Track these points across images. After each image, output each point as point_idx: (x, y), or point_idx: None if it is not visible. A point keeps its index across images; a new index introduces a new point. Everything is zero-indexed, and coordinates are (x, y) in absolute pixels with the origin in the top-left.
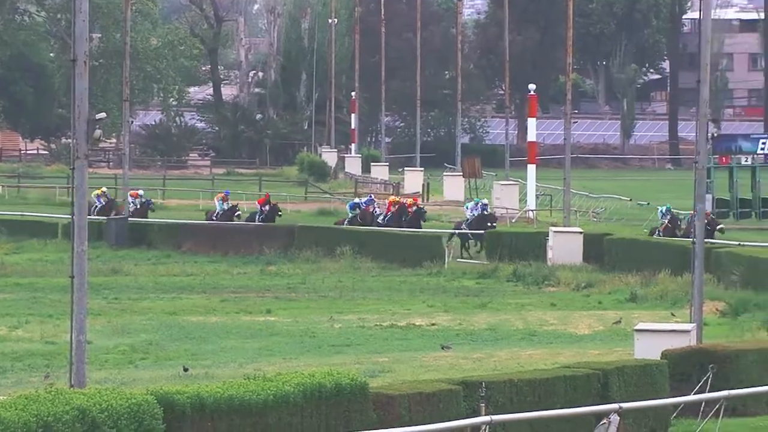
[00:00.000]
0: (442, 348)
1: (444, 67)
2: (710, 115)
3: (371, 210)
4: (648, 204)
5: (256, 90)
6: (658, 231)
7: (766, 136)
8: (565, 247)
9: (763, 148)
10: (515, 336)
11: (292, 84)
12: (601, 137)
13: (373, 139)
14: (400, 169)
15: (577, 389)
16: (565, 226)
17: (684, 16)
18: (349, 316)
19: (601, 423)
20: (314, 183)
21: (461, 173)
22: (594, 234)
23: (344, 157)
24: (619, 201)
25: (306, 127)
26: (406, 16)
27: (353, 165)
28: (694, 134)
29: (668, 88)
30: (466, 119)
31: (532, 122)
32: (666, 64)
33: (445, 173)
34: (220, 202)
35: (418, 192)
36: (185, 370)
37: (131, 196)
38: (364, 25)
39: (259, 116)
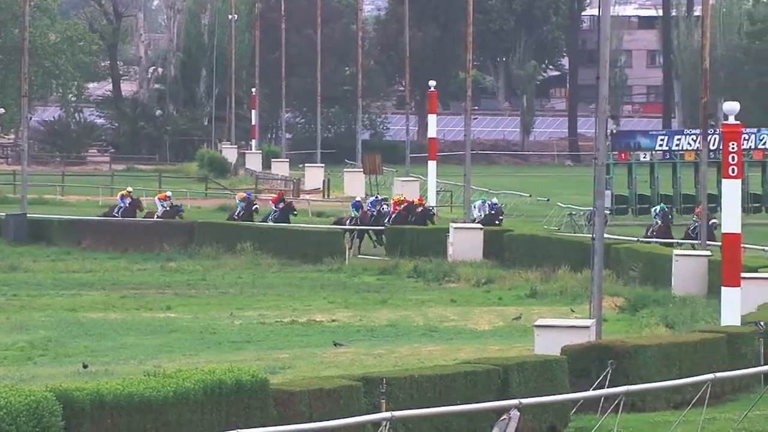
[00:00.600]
0: (335, 345)
1: (344, 63)
2: (609, 111)
3: (368, 211)
4: (548, 200)
5: (156, 86)
6: (652, 231)
7: (664, 132)
8: (465, 243)
9: (661, 145)
10: (416, 332)
11: (192, 80)
12: (501, 133)
13: (274, 136)
14: (300, 166)
15: (478, 385)
16: (465, 222)
17: (583, 13)
18: (250, 313)
19: (501, 419)
20: (214, 179)
21: (362, 169)
22: (494, 230)
23: (244, 153)
24: (519, 197)
25: (206, 123)
26: (307, 12)
27: (254, 161)
28: (594, 130)
29: (567, 84)
30: (367, 115)
31: (432, 118)
32: (565, 61)
33: (345, 169)
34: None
35: (401, 195)
36: (84, 366)
37: (159, 198)
38: (265, 21)
39: (158, 112)
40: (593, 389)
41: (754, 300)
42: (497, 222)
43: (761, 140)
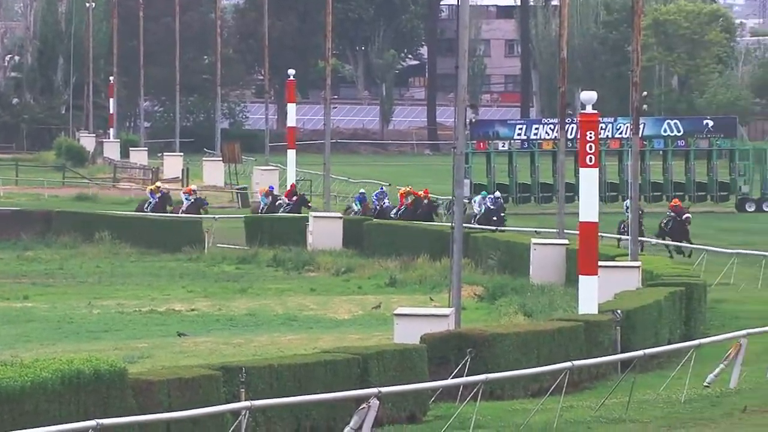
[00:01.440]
0: (179, 335)
1: (203, 52)
2: (468, 100)
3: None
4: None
5: (13, 74)
6: (623, 225)
7: (522, 121)
8: (325, 232)
9: (519, 134)
10: (275, 321)
11: (49, 68)
12: (361, 122)
13: (132, 124)
14: (159, 154)
15: (337, 374)
16: (325, 211)
17: (441, 2)
18: (108, 302)
19: (361, 408)
20: (72, 168)
21: (221, 158)
22: (354, 219)
23: (102, 142)
24: (378, 186)
25: (63, 112)
26: (165, 0)
27: (112, 150)
28: (453, 120)
29: (426, 73)
30: (226, 104)
31: (291, 107)
32: (424, 50)
33: (204, 158)
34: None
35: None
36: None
37: (185, 192)
38: (123, 9)
39: (15, 101)
40: (452, 377)
41: (610, 288)
42: (496, 218)
43: (618, 129)
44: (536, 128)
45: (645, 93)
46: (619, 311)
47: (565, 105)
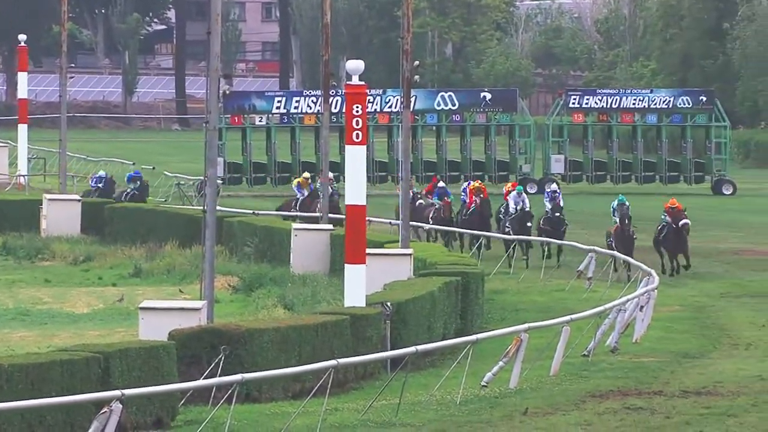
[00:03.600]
0: None
1: None
2: (221, 70)
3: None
4: (153, 168)
5: None
6: (610, 238)
7: (282, 93)
8: (61, 216)
9: (278, 107)
10: (5, 316)
11: None
12: (101, 94)
13: None
14: None
15: (76, 375)
16: (61, 192)
17: None
18: None
19: (102, 412)
20: None
21: None
22: (94, 202)
23: None
24: (121, 165)
25: None
26: None
27: None
28: (204, 91)
29: (174, 40)
30: None
31: (22, 77)
32: (171, 14)
33: None
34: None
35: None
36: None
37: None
38: None
39: None
40: (204, 378)
41: (379, 278)
42: (554, 226)
43: (387, 103)
44: (297, 101)
45: (417, 62)
46: (388, 304)
47: (328, 75)
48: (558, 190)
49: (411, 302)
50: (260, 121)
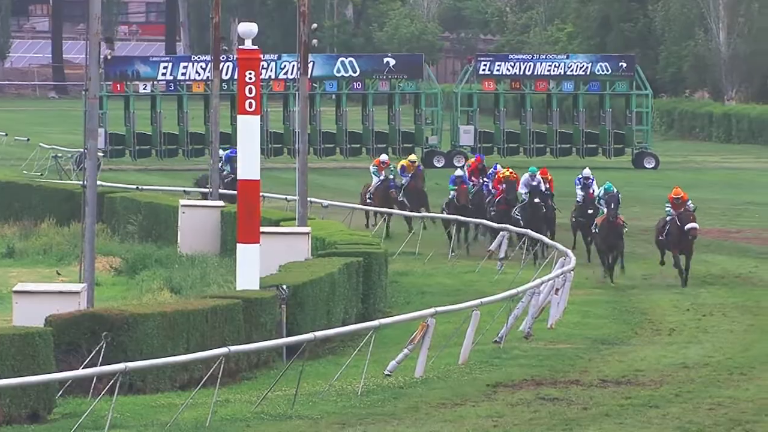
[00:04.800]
0: None
1: None
2: (102, 33)
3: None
4: (28, 140)
5: None
6: (595, 227)
7: (168, 59)
8: None
9: (164, 74)
10: None
11: None
12: None
13: None
14: None
15: None
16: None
17: None
18: None
19: None
20: None
21: None
22: None
23: None
24: None
25: None
26: None
27: None
28: (83, 56)
29: (50, 0)
30: None
31: None
32: None
33: None
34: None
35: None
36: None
37: None
38: None
39: None
40: (84, 367)
41: (275, 259)
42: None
43: (282, 69)
44: (185, 67)
45: (314, 25)
46: (284, 286)
47: (219, 39)
48: (592, 177)
49: (309, 285)
50: (144, 88)
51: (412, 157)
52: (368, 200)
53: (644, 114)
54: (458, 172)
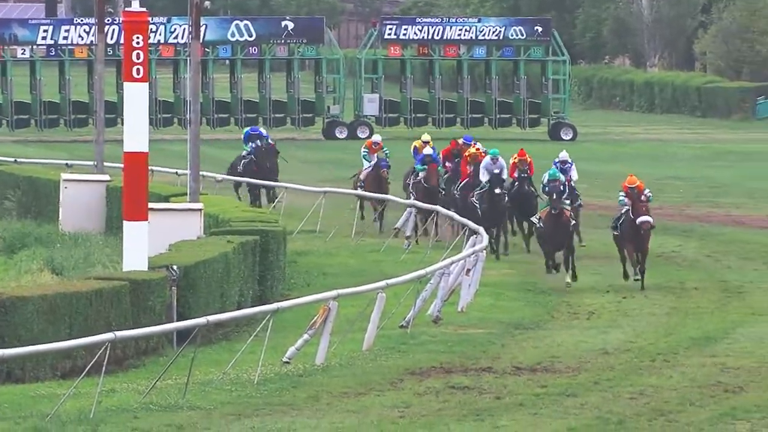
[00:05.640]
0: None
1: None
2: None
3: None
4: None
5: None
6: (539, 220)
7: (48, 21)
8: None
9: (45, 38)
10: None
11: None
12: None
13: None
14: None
15: None
16: None
17: None
18: None
19: None
20: None
21: None
22: None
23: None
24: None
25: None
26: None
27: None
28: None
29: None
30: None
31: None
32: None
33: None
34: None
35: None
36: None
37: None
38: None
39: None
40: None
41: (164, 238)
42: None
43: (172, 33)
44: (66, 30)
45: None
46: (175, 267)
47: (103, 0)
48: (570, 161)
49: (201, 265)
50: (23, 53)
51: (425, 137)
52: (360, 187)
53: (561, 82)
54: (427, 150)
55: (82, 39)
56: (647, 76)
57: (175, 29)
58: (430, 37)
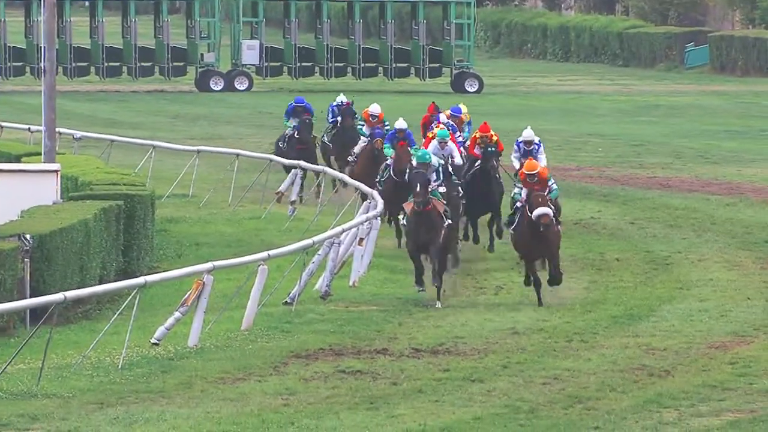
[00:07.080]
0: None
1: None
2: None
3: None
4: None
5: None
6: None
7: None
8: None
9: None
10: None
11: None
12: None
13: None
14: None
15: None
16: None
17: None
18: None
19: None
20: None
21: None
22: None
23: None
24: None
25: None
26: None
27: None
28: None
29: None
30: None
31: None
32: None
33: None
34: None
35: None
36: None
37: None
38: None
39: None
40: None
41: (16, 203)
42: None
43: None
44: None
45: None
46: (27, 236)
47: None
48: (537, 142)
49: (57, 234)
50: None
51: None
52: (351, 164)
53: (465, 26)
54: (400, 123)
55: None
56: (562, 20)
57: None
58: None
